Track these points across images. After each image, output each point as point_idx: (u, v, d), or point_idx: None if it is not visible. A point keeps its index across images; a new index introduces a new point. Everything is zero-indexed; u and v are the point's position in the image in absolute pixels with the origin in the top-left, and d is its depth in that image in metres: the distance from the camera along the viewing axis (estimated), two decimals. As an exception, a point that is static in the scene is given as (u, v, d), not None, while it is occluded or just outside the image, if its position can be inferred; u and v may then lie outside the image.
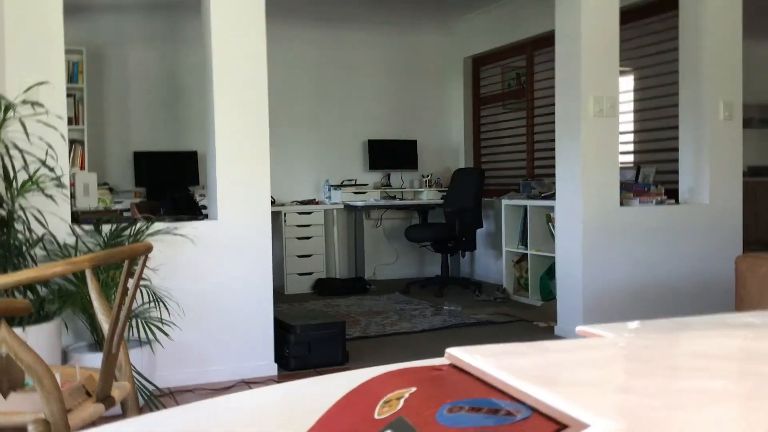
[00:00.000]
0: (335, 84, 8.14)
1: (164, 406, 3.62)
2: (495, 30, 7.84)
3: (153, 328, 3.89)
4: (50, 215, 3.73)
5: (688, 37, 5.31)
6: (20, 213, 3.57)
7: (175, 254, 4.17)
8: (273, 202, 5.62)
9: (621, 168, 5.17)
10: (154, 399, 3.62)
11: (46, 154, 3.64)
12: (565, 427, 0.34)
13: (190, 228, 4.23)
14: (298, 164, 7.93)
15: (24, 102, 3.60)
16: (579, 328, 0.63)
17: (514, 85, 7.90)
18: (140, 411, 2.71)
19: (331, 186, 7.87)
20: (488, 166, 8.29)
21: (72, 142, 6.45)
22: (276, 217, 6.81)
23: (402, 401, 0.39)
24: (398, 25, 8.28)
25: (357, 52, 8.19)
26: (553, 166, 5.24)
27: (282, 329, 4.40)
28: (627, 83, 7.20)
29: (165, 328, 3.96)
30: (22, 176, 3.55)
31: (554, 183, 5.30)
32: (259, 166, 4.39)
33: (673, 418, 0.33)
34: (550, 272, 6.23)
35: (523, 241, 6.70)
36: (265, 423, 0.68)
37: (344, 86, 8.18)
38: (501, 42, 7.80)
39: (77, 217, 4.09)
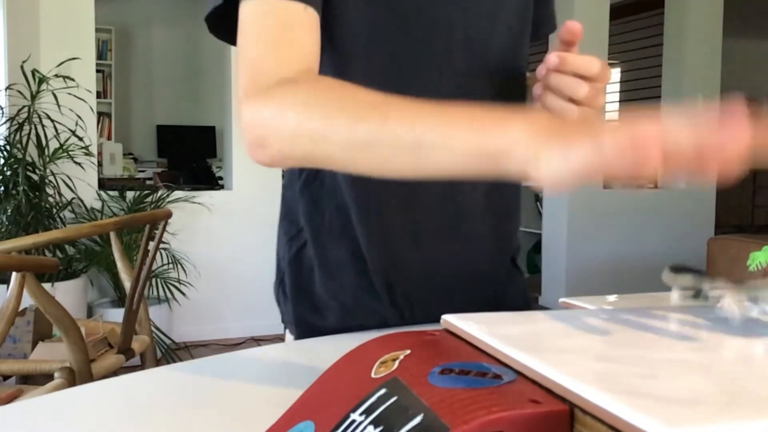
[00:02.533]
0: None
1: (180, 359, 3.64)
2: (493, 22, 7.78)
3: (171, 287, 3.90)
4: (78, 181, 3.73)
5: (672, 34, 5.27)
6: (51, 178, 3.57)
7: (193, 220, 4.17)
8: (283, 176, 5.60)
9: (605, 153, 5.15)
10: (170, 352, 3.65)
11: (76, 124, 3.63)
12: (547, 390, 0.34)
13: (207, 197, 4.23)
14: (308, 141, 7.88)
15: (56, 76, 3.59)
16: (562, 300, 0.63)
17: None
18: (158, 362, 2.72)
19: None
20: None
21: (100, 115, 6.42)
22: (286, 189, 6.78)
23: (397, 362, 0.39)
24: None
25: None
26: (543, 150, 5.22)
27: (289, 292, 4.39)
28: (614, 75, 7.17)
29: (182, 287, 3.98)
30: (53, 144, 3.55)
31: (543, 165, 5.28)
32: (272, 142, 4.38)
33: (649, 384, 0.33)
34: (536, 248, 6.23)
35: (513, 218, 6.68)
36: (271, 378, 0.68)
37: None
38: (499, 33, 7.72)
39: (103, 184, 4.09)
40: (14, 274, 1.73)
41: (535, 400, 0.32)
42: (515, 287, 1.00)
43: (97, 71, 4.30)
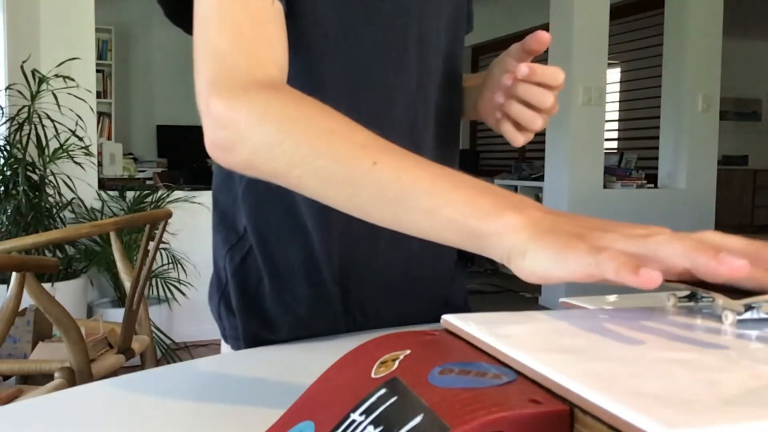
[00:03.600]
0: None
1: (180, 359, 3.64)
2: (494, 22, 7.78)
3: (171, 287, 3.90)
4: (78, 181, 3.73)
5: (672, 34, 5.27)
6: (51, 178, 3.57)
7: (193, 220, 4.17)
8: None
9: (605, 153, 5.16)
10: (170, 352, 3.65)
11: (76, 124, 3.63)
12: (547, 390, 0.34)
13: (207, 197, 4.23)
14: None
15: (56, 76, 3.59)
16: (562, 300, 0.63)
17: (509, 73, 7.83)
18: (158, 362, 2.72)
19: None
20: (483, 148, 8.26)
21: (100, 115, 6.42)
22: (286, 189, 6.78)
23: (397, 362, 0.39)
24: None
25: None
26: (543, 150, 5.22)
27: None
28: (614, 75, 7.17)
29: (182, 287, 3.98)
30: (53, 144, 3.55)
31: (544, 165, 5.29)
32: (272, 142, 4.38)
33: (649, 385, 0.33)
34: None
35: (513, 218, 6.66)
36: (271, 378, 0.69)
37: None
38: (499, 33, 7.74)
39: (103, 184, 4.09)
40: (14, 274, 1.73)
41: (535, 400, 0.32)
42: (459, 287, 0.99)
43: (97, 71, 4.30)
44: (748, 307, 0.44)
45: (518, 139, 0.81)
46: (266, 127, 0.59)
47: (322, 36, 0.78)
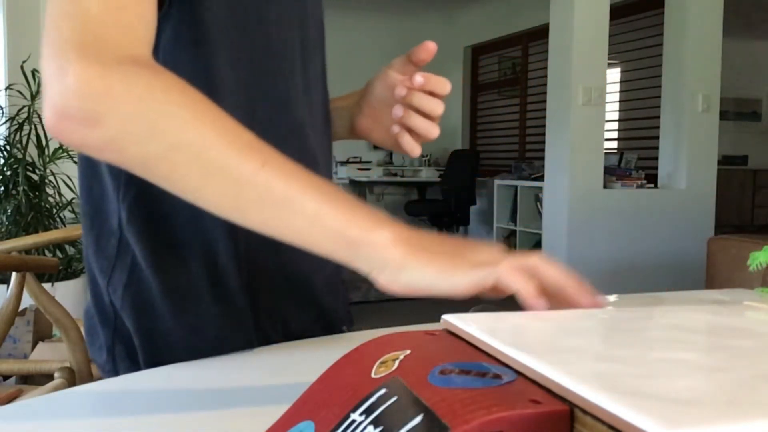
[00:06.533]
0: (341, 69, 8.08)
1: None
2: (494, 21, 7.78)
3: (171, 287, 3.90)
4: (79, 181, 3.73)
5: (672, 33, 5.26)
6: (51, 178, 3.57)
7: (193, 220, 4.17)
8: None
9: (605, 153, 5.15)
10: (170, 352, 3.65)
11: (76, 124, 3.63)
12: (547, 390, 0.34)
13: (207, 197, 4.22)
14: (308, 141, 7.87)
15: (56, 76, 3.59)
16: (562, 300, 0.63)
17: (509, 74, 7.84)
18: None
19: (338, 162, 7.83)
20: (483, 149, 8.26)
21: (100, 115, 6.43)
22: (286, 189, 6.77)
23: (397, 362, 0.39)
24: (400, 14, 8.19)
25: (360, 39, 8.08)
26: (543, 150, 5.22)
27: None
28: (614, 75, 7.17)
29: (182, 287, 3.97)
30: (53, 144, 3.55)
31: (543, 165, 5.29)
32: (272, 142, 4.37)
33: (649, 384, 0.33)
34: (536, 248, 6.23)
35: (513, 218, 6.68)
36: (270, 378, 0.69)
37: (349, 71, 8.11)
38: (499, 33, 7.73)
39: (103, 184, 4.08)
40: (14, 274, 1.73)
41: (535, 400, 0.32)
42: (343, 298, 0.96)
43: (97, 71, 4.29)
44: None
45: (417, 150, 0.86)
46: (148, 105, 0.53)
47: (217, 31, 0.73)
